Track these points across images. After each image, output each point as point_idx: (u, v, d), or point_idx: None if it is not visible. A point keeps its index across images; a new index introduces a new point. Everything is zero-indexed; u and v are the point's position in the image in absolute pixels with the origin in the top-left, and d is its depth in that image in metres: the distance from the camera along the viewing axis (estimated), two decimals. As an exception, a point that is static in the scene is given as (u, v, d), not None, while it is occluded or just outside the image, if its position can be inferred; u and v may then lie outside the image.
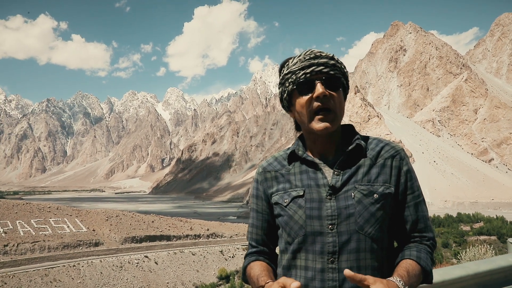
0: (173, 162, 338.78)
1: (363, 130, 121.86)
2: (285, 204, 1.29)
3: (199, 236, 39.01)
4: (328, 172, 1.27)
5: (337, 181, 1.23)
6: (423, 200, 1.29)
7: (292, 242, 1.26)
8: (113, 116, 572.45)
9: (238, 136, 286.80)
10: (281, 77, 1.32)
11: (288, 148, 1.38)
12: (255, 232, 1.42)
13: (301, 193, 1.26)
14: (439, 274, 2.00)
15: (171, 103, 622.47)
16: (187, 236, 38.17)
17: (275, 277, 1.33)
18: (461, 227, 45.29)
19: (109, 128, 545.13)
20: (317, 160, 1.30)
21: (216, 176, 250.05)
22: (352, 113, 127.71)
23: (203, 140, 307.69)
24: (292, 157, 1.35)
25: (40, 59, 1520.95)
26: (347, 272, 1.01)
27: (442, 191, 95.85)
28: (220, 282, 31.57)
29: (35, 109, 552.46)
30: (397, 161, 1.27)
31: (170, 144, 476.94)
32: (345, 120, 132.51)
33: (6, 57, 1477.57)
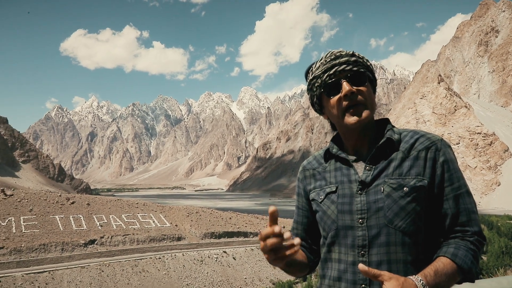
0: (248, 160, 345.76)
1: (448, 122, 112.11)
2: (320, 200, 1.35)
3: (275, 233, 39.12)
4: (360, 167, 1.30)
5: (367, 176, 1.26)
6: (466, 192, 1.23)
7: (327, 236, 1.32)
8: (191, 117, 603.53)
9: (312, 133, 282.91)
10: (307, 84, 1.37)
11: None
12: (296, 227, 1.52)
13: (334, 189, 1.32)
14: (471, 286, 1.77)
15: (245, 102, 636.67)
16: (263, 232, 38.50)
17: (308, 265, 1.43)
18: None
19: (187, 128, 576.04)
20: (350, 157, 1.34)
21: (292, 173, 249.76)
22: (435, 104, 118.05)
23: (277, 137, 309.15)
24: (328, 155, 1.42)
25: (126, 67, 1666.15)
26: (361, 266, 1.02)
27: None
28: (297, 280, 31.19)
29: (122, 113, 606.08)
30: (432, 152, 1.24)
31: (245, 142, 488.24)
32: (427, 113, 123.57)
33: (98, 67, 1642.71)
